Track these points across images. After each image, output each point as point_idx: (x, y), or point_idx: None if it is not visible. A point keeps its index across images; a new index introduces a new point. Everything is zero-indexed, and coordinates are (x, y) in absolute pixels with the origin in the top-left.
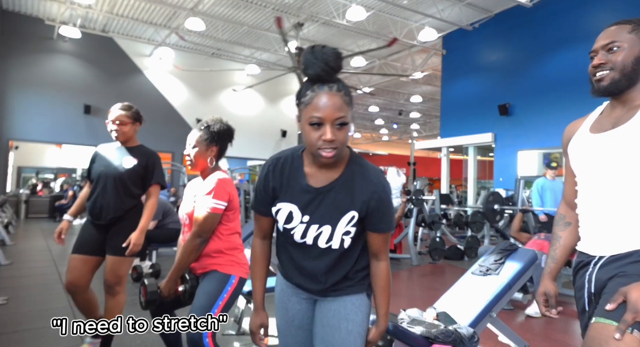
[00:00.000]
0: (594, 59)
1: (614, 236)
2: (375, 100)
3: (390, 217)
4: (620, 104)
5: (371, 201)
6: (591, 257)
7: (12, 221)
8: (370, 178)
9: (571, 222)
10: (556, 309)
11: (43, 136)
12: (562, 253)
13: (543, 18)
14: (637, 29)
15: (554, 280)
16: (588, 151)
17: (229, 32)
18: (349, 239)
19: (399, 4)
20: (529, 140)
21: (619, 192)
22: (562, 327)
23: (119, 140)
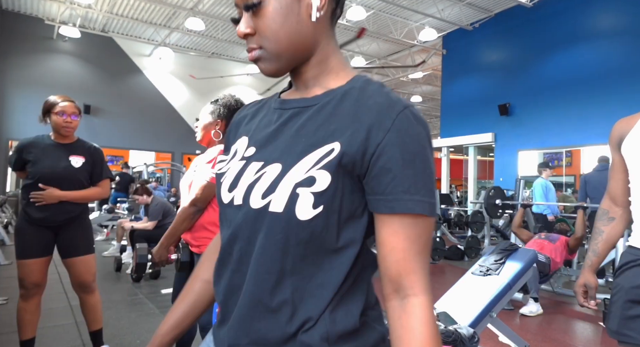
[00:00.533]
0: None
1: None
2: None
3: (426, 182)
4: None
5: (373, 137)
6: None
7: (12, 220)
8: (376, 103)
9: (615, 217)
10: (595, 301)
11: None
12: (604, 247)
13: (543, 18)
14: None
15: (594, 273)
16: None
17: (229, 32)
18: (309, 199)
19: (399, 3)
20: (529, 140)
21: None
22: (562, 327)
23: (66, 135)
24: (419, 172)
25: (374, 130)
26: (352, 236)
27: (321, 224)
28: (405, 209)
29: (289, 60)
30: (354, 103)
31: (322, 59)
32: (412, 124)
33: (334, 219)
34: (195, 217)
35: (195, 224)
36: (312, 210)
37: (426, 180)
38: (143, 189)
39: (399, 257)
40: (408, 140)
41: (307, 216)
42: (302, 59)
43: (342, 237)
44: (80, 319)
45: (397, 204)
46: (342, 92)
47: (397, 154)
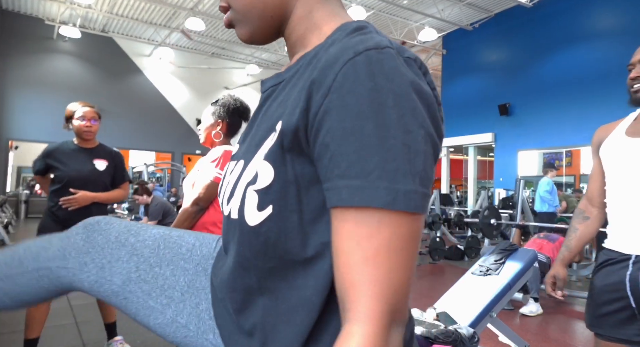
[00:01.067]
0: (631, 72)
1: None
2: None
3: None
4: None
5: (313, 103)
6: (625, 255)
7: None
8: (327, 56)
9: (589, 217)
10: (562, 291)
11: (43, 136)
12: (577, 244)
13: (543, 18)
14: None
15: (565, 266)
16: (624, 153)
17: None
18: (254, 199)
19: (399, 3)
20: (529, 140)
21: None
22: (562, 327)
23: (87, 139)
24: (367, 144)
25: (313, 94)
26: (326, 240)
27: (275, 229)
28: (339, 200)
29: (261, 20)
30: (314, 65)
31: (304, 15)
32: (361, 75)
33: (293, 221)
34: (196, 217)
35: (196, 223)
36: (257, 213)
37: (384, 155)
38: (143, 189)
39: (339, 264)
40: (351, 101)
41: (254, 220)
42: (278, 19)
43: (310, 243)
44: (81, 319)
45: (331, 193)
46: (313, 54)
47: (335, 123)
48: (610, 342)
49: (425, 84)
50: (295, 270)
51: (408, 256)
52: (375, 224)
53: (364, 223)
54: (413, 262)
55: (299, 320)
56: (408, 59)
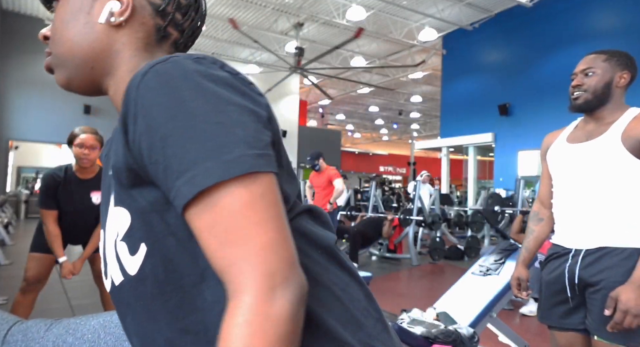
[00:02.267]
0: (573, 80)
1: (587, 232)
2: (375, 100)
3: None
4: (593, 120)
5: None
6: (567, 249)
7: (12, 220)
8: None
9: (543, 218)
10: (527, 292)
11: (43, 136)
12: (535, 244)
13: (543, 18)
14: (610, 58)
15: (526, 267)
16: (565, 159)
17: (229, 32)
18: (123, 248)
19: (399, 3)
20: (529, 140)
21: (590, 196)
22: None
23: (85, 166)
24: (185, 140)
25: (128, 127)
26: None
27: (158, 262)
28: (183, 199)
29: (78, 69)
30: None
31: (128, 71)
32: (154, 88)
33: (171, 245)
34: None
35: None
36: (133, 257)
37: (201, 140)
38: None
39: (210, 257)
40: (155, 113)
41: (134, 267)
42: (99, 72)
43: (199, 255)
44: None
45: (176, 197)
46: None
47: (153, 139)
48: (561, 332)
49: (221, 71)
50: (200, 289)
51: (265, 216)
52: (220, 201)
53: (211, 206)
54: (275, 220)
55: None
56: (197, 58)
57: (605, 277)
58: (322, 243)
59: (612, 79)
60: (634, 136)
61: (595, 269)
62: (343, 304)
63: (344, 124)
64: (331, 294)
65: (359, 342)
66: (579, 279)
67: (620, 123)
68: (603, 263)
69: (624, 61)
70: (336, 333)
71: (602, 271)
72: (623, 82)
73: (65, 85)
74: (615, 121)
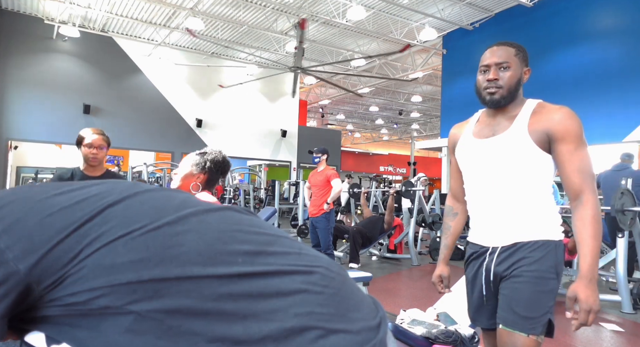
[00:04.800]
0: (486, 73)
1: (502, 230)
2: (375, 100)
3: None
4: (500, 113)
5: None
6: (485, 248)
7: None
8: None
9: (458, 212)
10: (449, 289)
11: (42, 136)
12: (453, 240)
13: (543, 18)
14: (518, 53)
15: (447, 264)
16: (474, 155)
17: (229, 32)
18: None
19: (399, 3)
20: None
21: (502, 192)
22: (562, 328)
23: (93, 165)
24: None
25: None
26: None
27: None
28: None
29: None
30: None
31: None
32: None
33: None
34: None
35: None
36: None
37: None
38: None
39: None
40: None
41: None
42: None
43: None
44: None
45: None
46: None
47: None
48: (490, 331)
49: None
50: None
51: None
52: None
53: None
54: None
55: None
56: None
57: (515, 267)
58: None
59: (521, 75)
60: (539, 129)
61: (507, 263)
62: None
63: (344, 124)
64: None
65: None
66: (494, 275)
67: (523, 116)
68: (515, 256)
69: (526, 56)
70: None
71: (514, 263)
72: (526, 78)
73: None
74: (518, 114)
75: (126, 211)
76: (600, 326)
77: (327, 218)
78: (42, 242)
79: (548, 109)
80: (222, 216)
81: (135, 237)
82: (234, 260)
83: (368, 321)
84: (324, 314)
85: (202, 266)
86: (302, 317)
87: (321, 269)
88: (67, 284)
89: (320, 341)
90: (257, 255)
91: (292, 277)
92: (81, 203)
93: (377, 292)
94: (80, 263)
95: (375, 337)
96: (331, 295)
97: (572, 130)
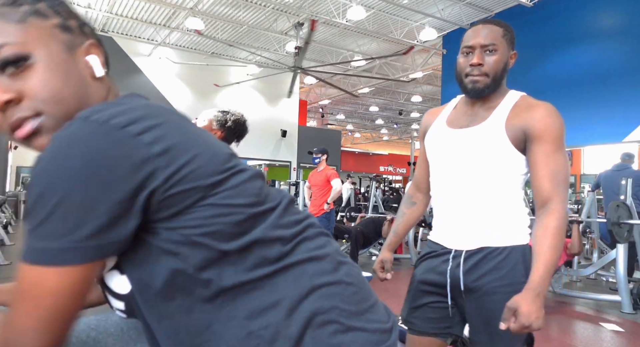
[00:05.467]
0: (470, 55)
1: (468, 231)
2: (375, 100)
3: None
4: (479, 102)
5: None
6: (447, 249)
7: (12, 221)
8: None
9: (416, 202)
10: (390, 273)
11: None
12: (404, 228)
13: (543, 18)
14: (506, 34)
15: (391, 251)
16: (444, 145)
17: (229, 32)
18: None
19: (399, 3)
20: None
21: (471, 190)
22: (562, 327)
23: None
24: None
25: None
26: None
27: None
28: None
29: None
30: None
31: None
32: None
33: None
34: None
35: None
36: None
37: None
38: None
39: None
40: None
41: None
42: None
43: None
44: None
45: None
46: None
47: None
48: (420, 336)
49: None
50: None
51: (33, 306)
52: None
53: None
54: (39, 312)
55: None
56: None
57: (486, 282)
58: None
59: (508, 60)
60: (517, 124)
61: (476, 274)
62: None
63: (344, 124)
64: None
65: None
66: (464, 284)
67: (503, 108)
68: (484, 267)
69: (514, 38)
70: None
71: (483, 276)
72: (512, 63)
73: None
74: (498, 106)
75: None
76: (600, 326)
77: (328, 218)
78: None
79: (530, 104)
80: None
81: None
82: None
83: (382, 324)
84: (345, 311)
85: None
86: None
87: (348, 265)
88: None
89: (339, 336)
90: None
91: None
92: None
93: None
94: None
95: (388, 339)
96: (353, 293)
97: (552, 130)
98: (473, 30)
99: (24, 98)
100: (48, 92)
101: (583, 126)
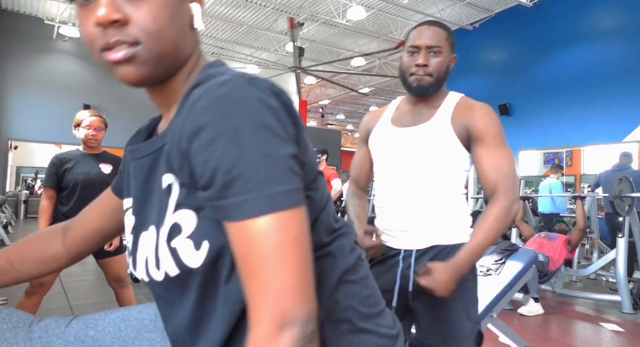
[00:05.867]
0: (415, 55)
1: (416, 230)
2: (375, 100)
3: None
4: (422, 102)
5: (182, 141)
6: (395, 250)
7: (12, 221)
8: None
9: (362, 197)
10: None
11: (42, 136)
12: (362, 210)
13: (543, 18)
14: (449, 37)
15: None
16: (391, 144)
17: (229, 32)
18: (185, 243)
19: (399, 3)
20: (529, 140)
21: (419, 187)
22: (562, 327)
23: (92, 146)
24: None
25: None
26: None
27: (216, 254)
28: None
29: (167, 70)
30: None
31: (193, 65)
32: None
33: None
34: None
35: None
36: (197, 252)
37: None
38: None
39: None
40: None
41: (197, 261)
42: (176, 71)
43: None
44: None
45: (219, 211)
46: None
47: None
48: None
49: (272, 99)
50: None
51: (291, 259)
52: (258, 234)
53: (249, 237)
54: (299, 265)
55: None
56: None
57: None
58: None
59: (450, 62)
60: (461, 122)
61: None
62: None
63: (344, 124)
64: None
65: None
66: (414, 286)
67: (446, 107)
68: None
69: (455, 42)
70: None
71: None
72: (452, 66)
73: (142, 82)
74: (441, 105)
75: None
76: (600, 326)
77: None
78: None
79: (470, 104)
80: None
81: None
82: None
83: (390, 329)
84: (359, 312)
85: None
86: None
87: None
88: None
89: (350, 336)
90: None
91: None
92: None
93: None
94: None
95: (394, 345)
96: (368, 295)
97: (492, 127)
98: (418, 30)
99: (130, 23)
100: (156, 27)
101: (583, 126)
